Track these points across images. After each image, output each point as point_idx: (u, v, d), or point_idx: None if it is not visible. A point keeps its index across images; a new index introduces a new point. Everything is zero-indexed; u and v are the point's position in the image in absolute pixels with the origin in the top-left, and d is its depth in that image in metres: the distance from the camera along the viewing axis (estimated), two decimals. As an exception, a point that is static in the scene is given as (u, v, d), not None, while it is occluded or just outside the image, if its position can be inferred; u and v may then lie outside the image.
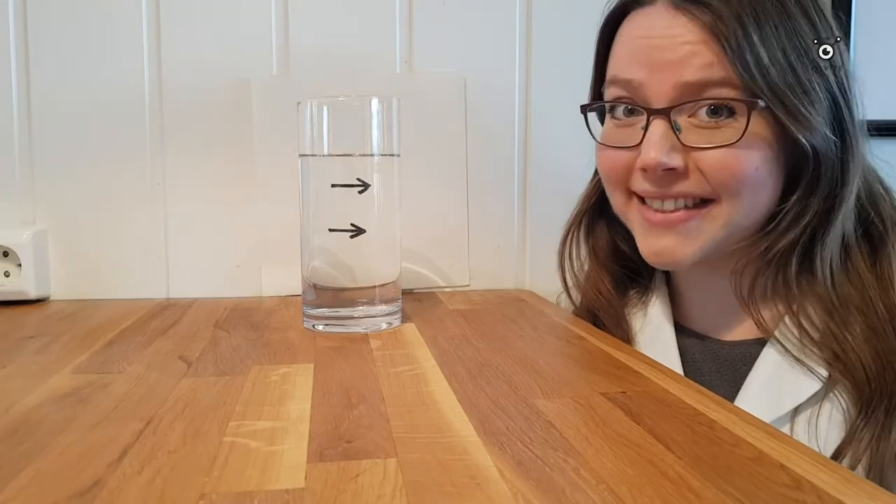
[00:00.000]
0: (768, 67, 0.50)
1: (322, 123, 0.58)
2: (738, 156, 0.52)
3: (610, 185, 0.61)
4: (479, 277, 0.84)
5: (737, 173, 0.52)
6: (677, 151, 0.53)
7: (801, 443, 0.34)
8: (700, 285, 0.63)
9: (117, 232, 0.79)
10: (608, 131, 0.61)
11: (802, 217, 0.53)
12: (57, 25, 0.77)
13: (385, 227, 0.60)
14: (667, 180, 0.54)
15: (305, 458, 0.32)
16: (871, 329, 0.52)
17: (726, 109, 0.52)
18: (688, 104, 0.53)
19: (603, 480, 0.30)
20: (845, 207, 0.53)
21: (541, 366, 0.49)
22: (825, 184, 0.53)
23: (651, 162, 0.53)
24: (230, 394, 0.42)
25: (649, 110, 0.54)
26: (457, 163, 0.83)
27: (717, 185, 0.53)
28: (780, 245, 0.53)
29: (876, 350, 0.51)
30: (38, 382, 0.45)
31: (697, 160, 0.53)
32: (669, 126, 0.53)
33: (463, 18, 0.82)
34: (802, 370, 0.53)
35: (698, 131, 0.53)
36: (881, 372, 0.51)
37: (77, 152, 0.78)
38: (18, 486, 0.30)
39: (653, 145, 0.53)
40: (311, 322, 0.61)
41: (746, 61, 0.50)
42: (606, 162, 0.60)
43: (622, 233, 0.66)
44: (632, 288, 0.68)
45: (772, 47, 0.51)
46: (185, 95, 0.78)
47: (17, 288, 0.75)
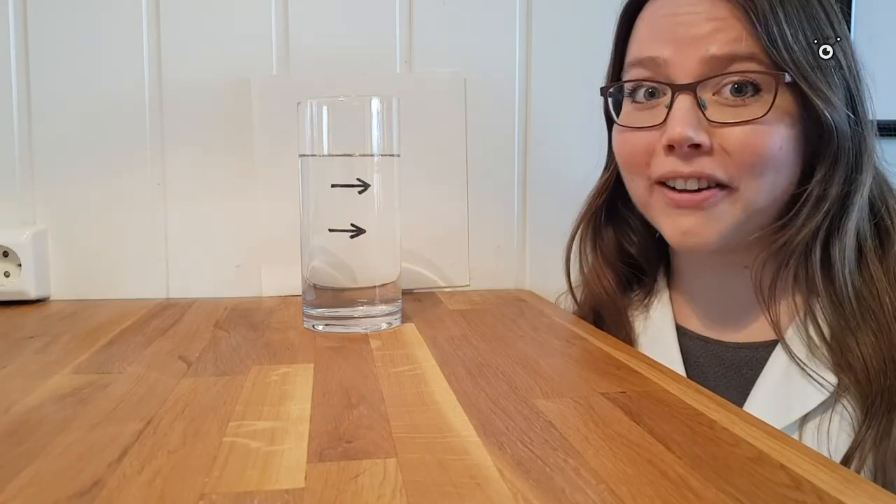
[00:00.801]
0: (792, 44, 0.51)
1: (322, 123, 0.58)
2: (763, 133, 0.52)
3: (630, 171, 0.59)
4: (479, 277, 0.84)
5: (762, 151, 0.52)
6: (703, 129, 0.53)
7: (802, 443, 0.34)
8: (705, 286, 0.62)
9: (117, 232, 0.79)
10: (627, 115, 0.59)
11: (823, 201, 0.53)
12: (57, 25, 0.77)
13: (385, 227, 0.60)
14: (691, 158, 0.53)
15: (305, 458, 0.32)
16: (878, 326, 0.52)
17: (751, 87, 0.52)
18: (714, 79, 0.53)
19: (603, 480, 0.30)
20: (861, 196, 0.53)
21: (541, 366, 0.49)
22: (843, 167, 0.53)
23: (678, 136, 0.52)
24: (230, 394, 0.42)
25: (674, 86, 0.54)
26: (457, 163, 0.83)
27: (740, 165, 0.53)
28: (804, 233, 0.53)
29: (880, 347, 0.51)
30: (38, 382, 0.45)
31: (722, 138, 0.53)
32: (695, 102, 0.53)
33: (463, 18, 0.82)
34: (812, 377, 0.53)
35: (723, 109, 0.53)
36: (883, 369, 0.51)
37: (77, 152, 0.78)
38: (18, 486, 0.30)
39: (679, 120, 0.52)
40: (311, 322, 0.61)
41: (773, 36, 0.51)
42: (626, 145, 0.59)
43: (629, 232, 0.66)
44: (634, 289, 0.68)
45: (794, 27, 0.52)
46: (185, 95, 0.78)
47: (17, 288, 0.75)
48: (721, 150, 0.53)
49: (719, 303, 0.61)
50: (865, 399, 0.51)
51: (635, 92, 0.58)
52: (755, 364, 0.57)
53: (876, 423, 0.50)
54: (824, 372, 0.53)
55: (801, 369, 0.53)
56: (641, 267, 0.67)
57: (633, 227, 0.66)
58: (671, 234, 0.57)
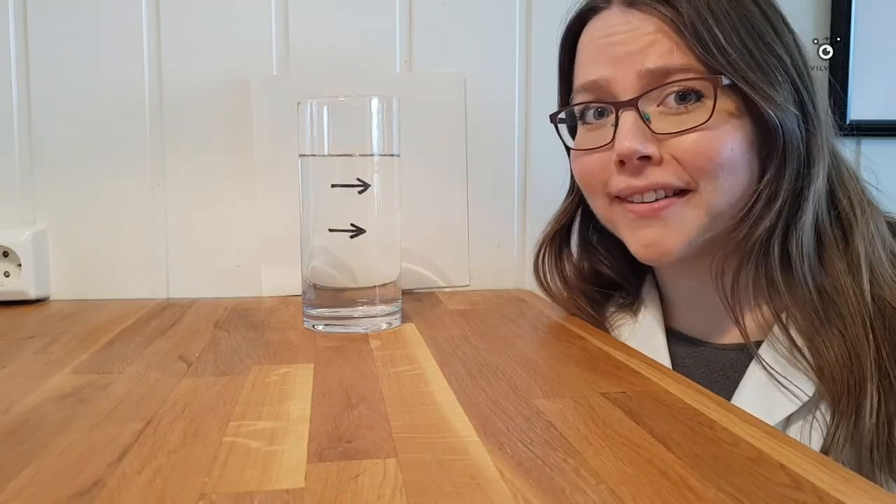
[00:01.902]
0: (726, 48, 0.52)
1: (322, 123, 0.58)
2: (711, 138, 0.52)
3: (590, 192, 0.60)
4: (479, 277, 0.84)
5: (712, 156, 0.52)
6: (650, 141, 0.53)
7: (801, 443, 0.34)
8: (689, 288, 0.62)
9: (117, 232, 0.79)
10: (580, 138, 0.61)
11: (775, 199, 0.52)
12: (57, 25, 0.77)
13: (385, 227, 0.60)
14: (643, 171, 0.54)
15: (305, 458, 0.32)
16: (843, 322, 0.51)
17: (693, 94, 0.53)
18: (654, 91, 0.54)
19: (603, 480, 0.30)
20: (815, 190, 0.53)
21: (541, 366, 0.49)
22: (793, 162, 0.53)
23: (625, 150, 0.53)
24: (230, 394, 0.42)
25: (616, 104, 0.55)
26: (457, 163, 0.83)
27: (693, 171, 0.53)
28: (758, 232, 0.53)
29: (845, 344, 0.51)
30: (38, 382, 0.45)
31: (671, 148, 0.53)
32: (639, 116, 0.54)
33: (463, 18, 0.82)
34: (786, 387, 0.52)
35: (668, 119, 0.54)
36: (848, 366, 0.50)
37: (77, 152, 0.78)
38: (18, 486, 0.30)
39: (625, 135, 0.53)
40: (311, 322, 0.61)
41: (706, 42, 0.52)
42: (583, 167, 0.60)
43: (599, 255, 0.66)
44: (611, 304, 0.67)
45: (727, 31, 0.52)
46: (186, 95, 0.78)
47: (17, 288, 0.75)
48: (671, 160, 0.53)
49: (702, 305, 0.61)
50: (833, 398, 0.50)
51: (584, 114, 0.59)
52: (740, 366, 0.57)
53: (845, 423, 0.49)
54: (800, 379, 0.52)
55: (779, 375, 0.53)
56: (616, 282, 0.67)
57: (604, 247, 0.66)
58: (635, 247, 0.57)
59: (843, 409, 0.49)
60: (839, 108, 0.91)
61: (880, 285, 0.51)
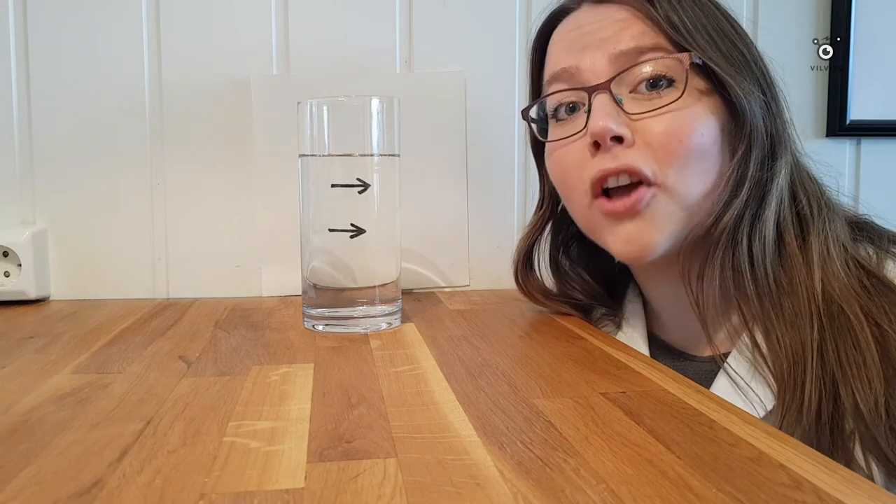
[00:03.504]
0: (693, 31, 0.54)
1: (322, 123, 0.58)
2: (682, 119, 0.53)
3: (568, 190, 0.59)
4: (479, 277, 0.84)
5: (683, 139, 0.52)
6: (623, 123, 0.53)
7: (801, 443, 0.34)
8: (669, 296, 0.61)
9: (117, 232, 0.79)
10: (553, 133, 0.60)
11: (742, 184, 0.53)
12: (57, 26, 0.77)
13: (385, 227, 0.60)
14: (616, 153, 0.53)
15: (305, 458, 0.32)
16: (793, 314, 0.51)
17: (664, 80, 0.54)
18: (626, 72, 0.54)
19: (603, 480, 0.30)
20: (778, 184, 0.53)
21: (541, 366, 0.49)
22: (758, 149, 0.53)
23: (598, 129, 0.53)
24: (230, 394, 0.42)
25: (589, 88, 0.55)
26: (457, 163, 0.83)
27: (664, 156, 0.53)
28: (726, 219, 0.52)
29: (793, 336, 0.51)
30: (38, 382, 0.45)
31: (644, 132, 0.53)
32: (611, 98, 0.54)
33: (463, 18, 0.82)
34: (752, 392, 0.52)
35: (640, 103, 0.54)
36: (793, 360, 0.50)
37: (77, 152, 0.78)
38: (18, 486, 0.30)
39: (598, 115, 0.53)
40: (311, 322, 0.61)
41: (676, 25, 0.53)
42: (559, 162, 0.59)
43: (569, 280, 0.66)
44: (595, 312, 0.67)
45: (694, 20, 0.54)
46: (186, 95, 0.78)
47: (17, 288, 0.75)
48: (643, 144, 0.53)
49: (682, 315, 0.60)
50: (779, 392, 0.50)
51: (557, 111, 0.59)
52: (712, 377, 0.56)
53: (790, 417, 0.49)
54: (762, 389, 0.52)
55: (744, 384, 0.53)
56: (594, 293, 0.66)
57: (575, 272, 0.66)
58: (614, 245, 0.56)
59: (787, 404, 0.50)
60: (839, 108, 0.91)
61: (830, 282, 0.51)
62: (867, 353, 0.48)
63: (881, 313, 0.49)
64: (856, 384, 0.48)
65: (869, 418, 0.47)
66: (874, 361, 0.48)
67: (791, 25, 0.91)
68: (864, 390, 0.48)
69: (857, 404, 0.47)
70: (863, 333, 0.49)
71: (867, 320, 0.49)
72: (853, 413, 0.48)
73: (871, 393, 0.47)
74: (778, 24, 0.56)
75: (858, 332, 0.49)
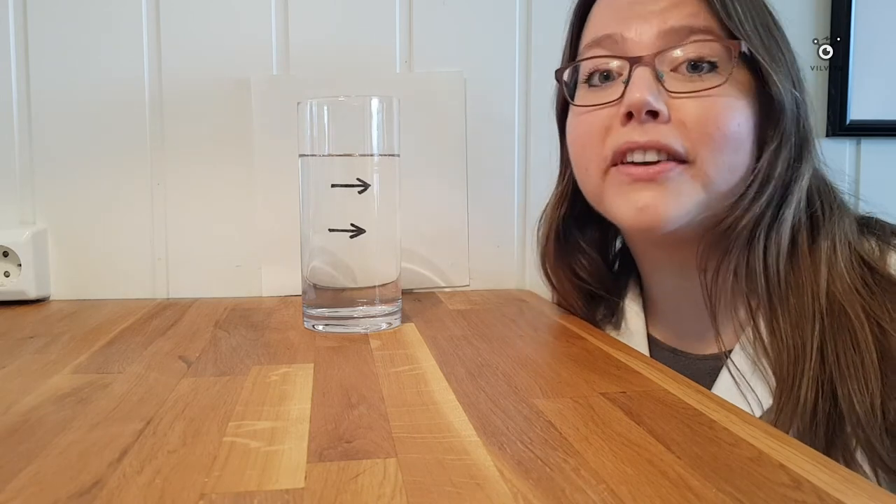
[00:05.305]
0: (745, 22, 0.53)
1: (322, 123, 0.58)
2: (722, 105, 0.52)
3: (584, 156, 0.58)
4: (479, 277, 0.84)
5: (720, 124, 0.52)
6: (661, 99, 0.53)
7: (801, 443, 0.34)
8: (673, 289, 0.61)
9: (117, 232, 0.79)
10: (582, 98, 0.59)
11: (768, 183, 0.52)
12: (57, 26, 0.77)
13: (385, 227, 0.60)
14: (648, 127, 0.53)
15: (305, 458, 0.32)
16: (798, 313, 0.51)
17: (707, 64, 0.53)
18: (671, 50, 0.53)
19: (603, 480, 0.30)
20: (800, 187, 0.53)
21: (541, 366, 0.49)
22: (787, 150, 0.53)
23: (636, 101, 0.51)
24: (230, 394, 0.42)
25: (632, 59, 0.54)
26: (457, 163, 0.83)
27: (698, 137, 0.52)
28: (748, 217, 0.52)
29: (795, 336, 0.51)
30: (38, 382, 0.45)
31: (680, 112, 0.52)
32: (653, 72, 0.53)
33: (463, 18, 0.82)
34: (751, 391, 0.53)
35: (681, 82, 0.53)
36: (793, 359, 0.50)
37: (77, 152, 0.78)
38: (18, 486, 0.30)
39: (637, 86, 0.52)
40: (311, 322, 0.61)
41: (729, 10, 0.53)
42: (583, 125, 0.57)
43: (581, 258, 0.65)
44: (600, 305, 0.67)
45: (745, 9, 0.53)
46: (186, 95, 0.78)
47: (17, 288, 0.75)
48: (679, 123, 0.52)
49: (685, 312, 0.60)
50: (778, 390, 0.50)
51: (591, 77, 0.57)
52: (715, 374, 0.56)
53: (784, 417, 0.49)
54: (762, 389, 0.52)
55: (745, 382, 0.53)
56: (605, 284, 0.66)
57: (585, 251, 0.65)
58: (626, 212, 0.54)
59: (782, 402, 0.50)
60: (839, 108, 0.91)
61: (835, 281, 0.51)
62: (866, 354, 0.48)
63: (883, 311, 0.49)
64: (853, 385, 0.48)
65: (864, 420, 0.47)
66: (873, 362, 0.48)
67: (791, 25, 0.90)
68: (861, 391, 0.48)
69: (854, 405, 0.48)
70: (863, 333, 0.49)
71: (868, 320, 0.49)
72: (849, 414, 0.48)
73: (868, 394, 0.47)
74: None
75: (858, 332, 0.49)
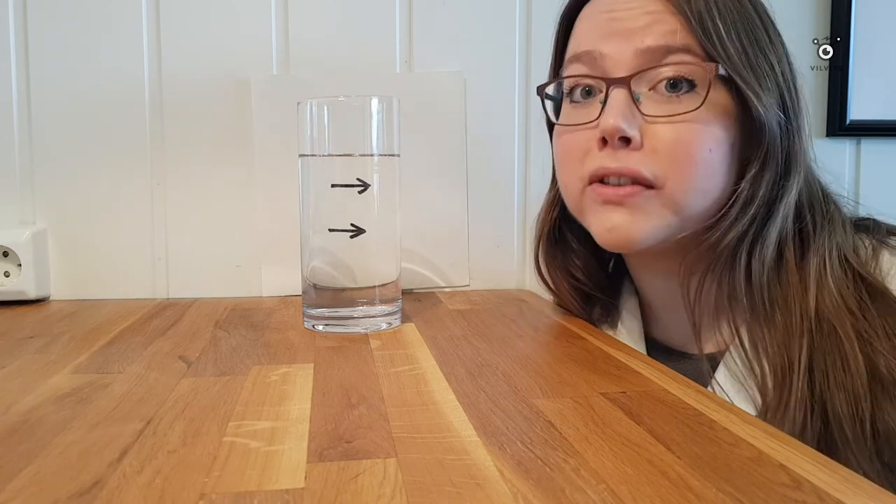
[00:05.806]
0: (725, 40, 0.52)
1: (322, 123, 0.58)
2: (694, 131, 0.52)
3: (565, 172, 0.59)
4: (479, 277, 0.84)
5: (690, 150, 0.52)
6: (635, 125, 0.52)
7: (802, 443, 0.34)
8: (664, 291, 0.61)
9: (117, 232, 0.79)
10: (565, 114, 0.59)
11: (751, 203, 0.52)
12: (57, 26, 0.77)
13: (385, 227, 0.60)
14: (620, 154, 0.53)
15: (305, 458, 0.32)
16: (785, 332, 0.51)
17: (686, 83, 0.52)
18: (649, 71, 0.53)
19: (603, 480, 0.30)
20: (787, 203, 0.53)
21: (541, 366, 0.49)
22: (772, 169, 0.52)
23: (609, 127, 0.52)
24: (230, 394, 0.42)
25: (608, 80, 0.54)
26: (457, 163, 0.83)
27: (668, 164, 0.52)
28: (729, 237, 0.52)
29: (783, 355, 0.50)
30: (38, 382, 0.45)
31: (653, 136, 0.52)
32: (629, 95, 0.53)
33: (463, 18, 0.82)
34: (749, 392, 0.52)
35: (657, 104, 0.53)
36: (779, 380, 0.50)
37: (77, 152, 0.78)
38: (18, 486, 0.30)
39: (611, 112, 0.52)
40: (311, 322, 0.61)
41: (708, 30, 0.51)
42: (565, 145, 0.58)
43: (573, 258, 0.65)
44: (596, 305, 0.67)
45: (728, 25, 0.52)
46: (186, 95, 0.78)
47: (17, 288, 0.75)
48: (651, 149, 0.52)
49: (676, 313, 0.60)
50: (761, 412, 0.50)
51: (573, 91, 0.58)
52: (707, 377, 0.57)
53: None
54: (747, 405, 0.52)
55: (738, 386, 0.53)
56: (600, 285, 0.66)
57: (579, 252, 0.65)
58: (598, 231, 0.56)
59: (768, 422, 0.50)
60: (839, 108, 0.91)
61: (824, 299, 0.51)
62: (856, 377, 0.48)
63: (874, 330, 0.49)
64: (843, 408, 0.48)
65: (854, 441, 0.47)
66: (862, 382, 0.48)
67: (791, 25, 0.90)
68: (851, 412, 0.47)
69: (843, 426, 0.47)
70: (853, 352, 0.48)
71: (858, 339, 0.49)
72: (839, 433, 0.48)
73: (857, 415, 0.47)
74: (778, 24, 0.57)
75: (848, 352, 0.49)
